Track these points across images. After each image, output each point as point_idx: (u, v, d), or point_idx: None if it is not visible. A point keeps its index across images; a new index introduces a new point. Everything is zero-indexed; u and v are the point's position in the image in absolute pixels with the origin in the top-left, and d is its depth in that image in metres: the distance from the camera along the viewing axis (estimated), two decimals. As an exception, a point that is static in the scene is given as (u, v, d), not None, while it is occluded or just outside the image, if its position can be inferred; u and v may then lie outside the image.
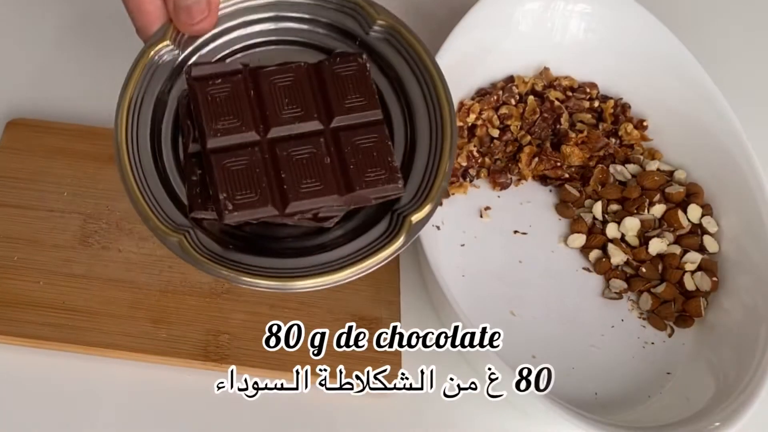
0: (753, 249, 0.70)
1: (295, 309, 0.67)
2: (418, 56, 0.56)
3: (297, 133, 0.52)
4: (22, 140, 0.73)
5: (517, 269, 0.73)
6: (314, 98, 0.53)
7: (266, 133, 0.52)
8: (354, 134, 0.52)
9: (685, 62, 0.76)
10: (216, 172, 0.50)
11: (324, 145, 0.52)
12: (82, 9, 0.84)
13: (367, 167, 0.51)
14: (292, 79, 0.53)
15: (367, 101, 0.53)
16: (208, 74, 0.53)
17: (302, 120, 0.52)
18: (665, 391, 0.68)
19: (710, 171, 0.75)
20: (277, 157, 0.51)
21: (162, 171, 0.54)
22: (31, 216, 0.70)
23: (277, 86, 0.52)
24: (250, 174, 0.51)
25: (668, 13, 0.79)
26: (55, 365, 0.65)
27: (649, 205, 0.74)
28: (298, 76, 0.53)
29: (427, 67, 0.56)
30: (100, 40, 0.82)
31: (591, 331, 0.70)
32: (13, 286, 0.66)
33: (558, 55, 0.80)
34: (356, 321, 0.67)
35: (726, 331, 0.68)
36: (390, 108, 0.56)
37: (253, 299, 0.67)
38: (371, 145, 0.52)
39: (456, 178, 0.75)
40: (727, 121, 0.73)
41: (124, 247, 0.69)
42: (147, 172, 0.53)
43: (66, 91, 0.77)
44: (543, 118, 0.78)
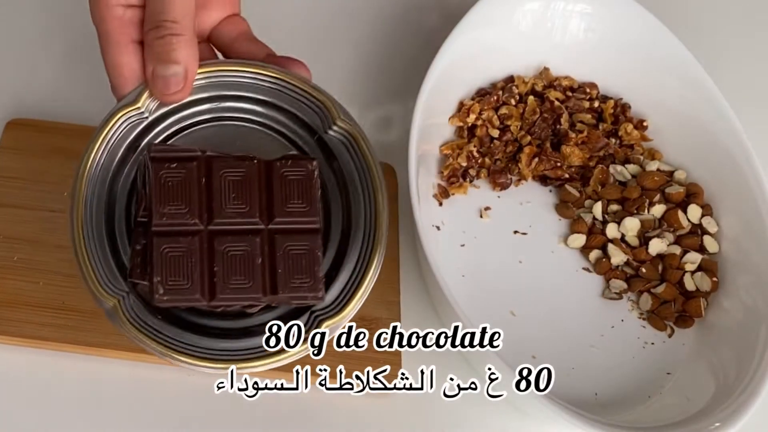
0: (753, 249, 0.70)
1: (295, 309, 0.67)
2: (369, 169, 0.58)
3: (237, 229, 0.55)
4: (22, 140, 0.73)
5: (517, 269, 0.73)
6: (259, 197, 0.55)
7: (209, 223, 0.54)
8: (289, 239, 0.54)
9: (686, 62, 0.76)
10: (155, 255, 0.53)
11: (259, 245, 0.54)
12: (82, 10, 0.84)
13: (294, 273, 0.54)
14: (243, 174, 0.55)
15: (308, 208, 0.55)
16: (167, 156, 0.55)
17: (244, 216, 0.55)
18: (665, 391, 0.68)
19: (710, 171, 0.75)
20: (213, 251, 0.54)
21: (111, 233, 0.57)
22: (31, 216, 0.70)
23: (227, 179, 0.55)
24: (185, 262, 0.53)
25: (668, 13, 0.79)
26: (54, 365, 0.65)
27: (649, 205, 0.74)
28: (249, 173, 0.55)
29: (373, 183, 0.58)
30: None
31: (591, 332, 0.70)
32: (13, 286, 0.66)
33: (558, 55, 0.80)
34: (356, 321, 0.66)
35: (726, 331, 0.68)
36: (331, 205, 0.59)
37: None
38: (302, 252, 0.54)
39: (456, 178, 0.75)
40: (727, 121, 0.73)
41: (124, 247, 0.69)
42: (97, 231, 0.56)
43: (66, 91, 0.77)
44: (543, 118, 0.78)
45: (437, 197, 0.75)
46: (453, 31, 0.74)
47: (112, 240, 0.57)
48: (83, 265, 0.55)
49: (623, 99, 0.80)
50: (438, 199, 0.74)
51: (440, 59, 0.72)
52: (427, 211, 0.73)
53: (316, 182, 0.55)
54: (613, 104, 0.79)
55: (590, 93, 0.79)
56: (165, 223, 0.54)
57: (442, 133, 0.77)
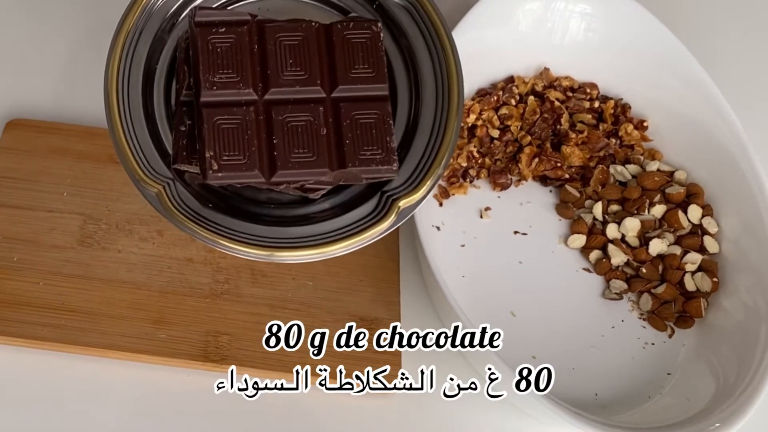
0: (753, 249, 0.70)
1: (295, 309, 0.67)
2: (436, 31, 0.53)
3: (296, 98, 0.49)
4: (22, 141, 0.73)
5: (517, 270, 0.73)
6: (320, 63, 0.50)
7: (264, 93, 0.50)
8: (355, 107, 0.50)
9: (686, 63, 0.76)
10: (206, 128, 0.48)
11: (322, 115, 0.49)
12: (82, 11, 0.84)
13: (364, 145, 0.49)
14: (300, 38, 0.50)
15: (374, 73, 0.50)
16: (213, 21, 0.50)
17: (304, 84, 0.50)
18: (665, 391, 0.68)
19: (710, 171, 0.75)
20: (272, 121, 0.49)
21: (150, 115, 0.51)
22: (30, 216, 0.70)
23: (282, 44, 0.50)
24: (241, 134, 0.49)
25: (668, 13, 0.79)
26: (54, 366, 0.65)
27: (649, 205, 0.74)
28: (307, 37, 0.50)
29: (443, 44, 0.53)
30: (101, 41, 0.81)
31: (591, 332, 0.70)
32: (13, 286, 0.66)
33: (558, 55, 0.80)
34: (356, 321, 0.67)
35: (726, 331, 0.68)
36: (397, 81, 0.53)
37: (252, 300, 0.67)
38: (371, 121, 0.49)
39: (456, 178, 0.75)
40: (728, 122, 0.73)
41: (123, 247, 0.69)
42: (134, 116, 0.51)
43: (66, 91, 0.77)
44: (543, 118, 0.77)
45: (437, 197, 0.74)
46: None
47: (152, 123, 0.51)
48: (121, 147, 0.49)
49: (623, 99, 0.80)
50: (438, 199, 0.74)
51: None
52: (427, 211, 0.73)
53: (382, 45, 0.50)
54: (613, 104, 0.79)
55: (590, 93, 0.79)
56: (215, 93, 0.48)
57: (443, 134, 0.77)
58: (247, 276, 0.68)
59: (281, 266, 0.68)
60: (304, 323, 0.66)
